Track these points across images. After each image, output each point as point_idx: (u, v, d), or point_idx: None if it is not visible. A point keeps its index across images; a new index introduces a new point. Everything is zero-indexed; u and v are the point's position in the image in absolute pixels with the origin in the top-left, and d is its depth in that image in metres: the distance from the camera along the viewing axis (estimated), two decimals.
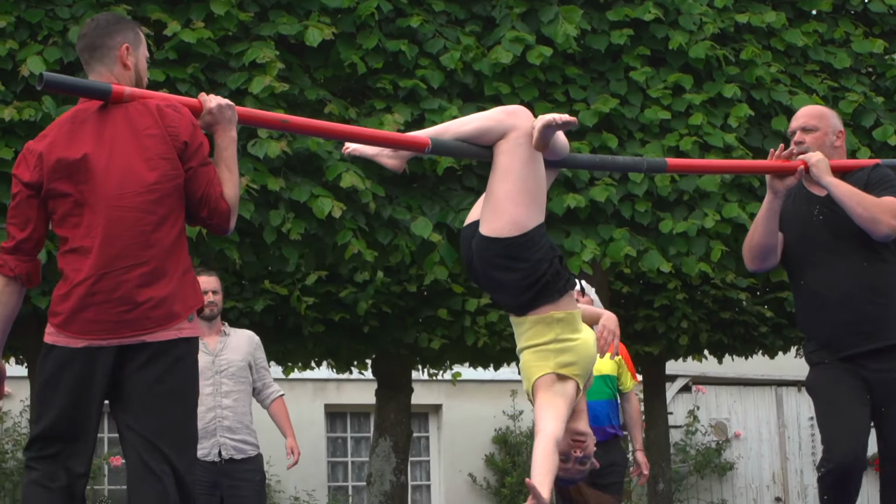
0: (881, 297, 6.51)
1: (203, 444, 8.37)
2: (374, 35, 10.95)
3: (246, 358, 8.88)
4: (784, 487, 25.02)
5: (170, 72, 10.38)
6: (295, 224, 10.55)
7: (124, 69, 5.48)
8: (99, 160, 5.21)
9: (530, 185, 5.52)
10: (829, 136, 6.83)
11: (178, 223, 5.35)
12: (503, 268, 5.47)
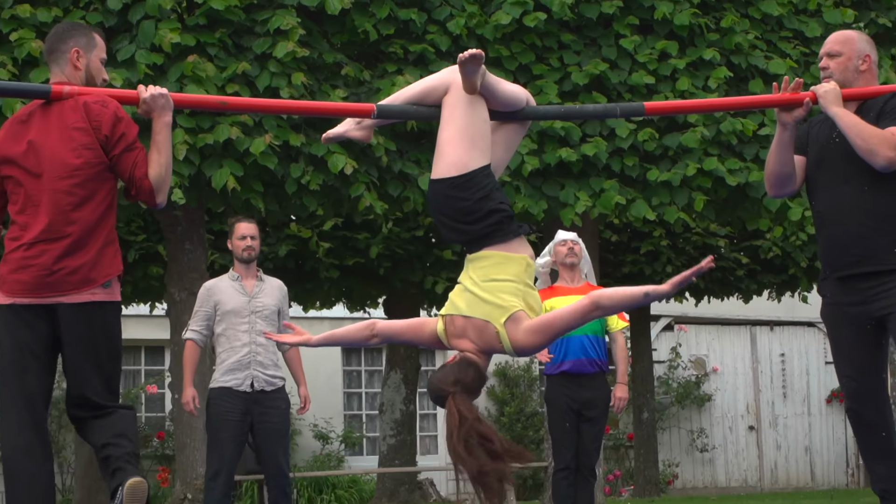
0: (875, 221, 6.05)
1: (237, 376, 8.56)
2: (387, 4, 10.88)
3: (277, 304, 8.89)
4: (757, 417, 25.02)
5: (200, 36, 10.33)
6: (314, 176, 10.52)
7: (74, 70, 5.87)
8: (35, 150, 5.68)
9: (469, 129, 5.36)
10: (854, 61, 6.31)
11: (104, 204, 5.77)
12: (448, 206, 5.35)
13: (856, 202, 6.05)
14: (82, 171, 5.70)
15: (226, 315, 8.64)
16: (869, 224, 6.02)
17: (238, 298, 8.72)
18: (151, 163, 5.79)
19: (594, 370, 9.01)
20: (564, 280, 9.22)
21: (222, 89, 10.27)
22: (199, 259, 11.32)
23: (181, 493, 11.26)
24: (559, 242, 9.24)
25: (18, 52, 9.87)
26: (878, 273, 5.98)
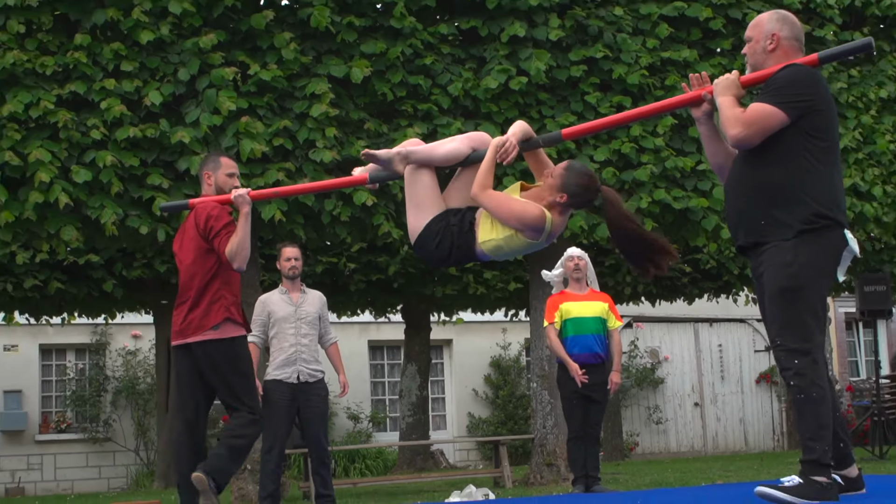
0: (750, 196, 5.20)
1: (286, 370, 8.67)
2: (400, 72, 10.89)
3: (318, 312, 8.99)
4: (700, 395, 24.99)
5: (252, 101, 10.33)
6: (343, 209, 10.53)
7: (207, 186, 7.06)
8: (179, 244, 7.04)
9: (413, 199, 5.24)
10: (762, 43, 5.33)
11: (208, 275, 6.81)
12: (422, 256, 5.32)
13: (738, 179, 5.32)
14: (195, 255, 6.83)
15: (277, 321, 8.74)
16: (746, 199, 5.24)
17: (286, 308, 8.85)
18: (230, 241, 6.66)
19: (597, 362, 9.20)
20: (573, 288, 9.44)
21: (269, 142, 10.29)
22: (253, 278, 11.30)
23: (243, 465, 11.23)
24: (568, 258, 9.45)
25: (107, 115, 9.88)
26: (756, 244, 5.22)
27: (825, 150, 5.11)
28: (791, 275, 5.06)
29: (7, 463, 20.87)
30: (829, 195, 5.10)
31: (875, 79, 12.93)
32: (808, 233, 5.06)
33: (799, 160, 5.09)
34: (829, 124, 5.15)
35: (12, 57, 9.68)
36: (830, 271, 5.16)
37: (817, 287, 5.12)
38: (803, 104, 5.04)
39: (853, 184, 12.32)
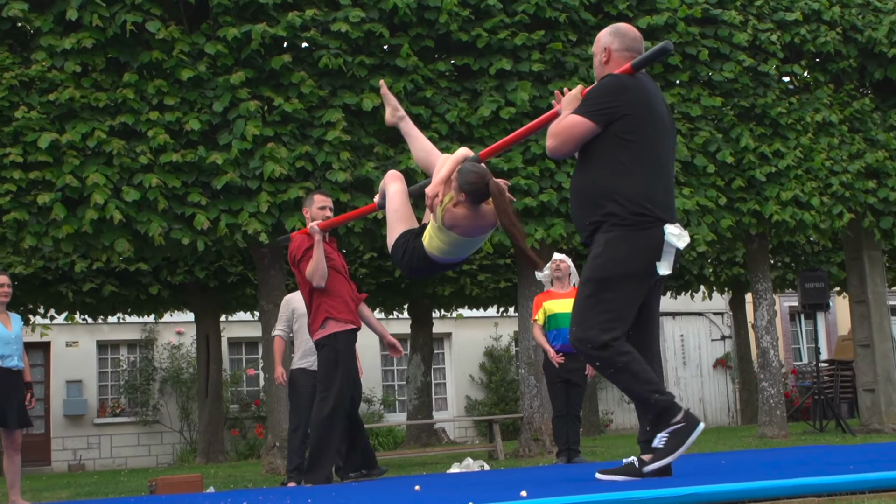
0: (578, 198, 4.81)
1: (308, 359, 8.51)
2: (404, 103, 10.88)
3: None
4: (665, 378, 24.89)
5: (277, 129, 10.33)
6: (356, 222, 10.51)
7: (309, 219, 7.64)
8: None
9: (389, 218, 5.30)
10: (598, 57, 4.93)
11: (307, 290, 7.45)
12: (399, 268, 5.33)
13: (572, 185, 4.87)
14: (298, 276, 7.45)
15: (299, 317, 8.61)
16: (575, 202, 4.87)
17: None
18: (308, 264, 7.23)
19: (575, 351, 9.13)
20: (556, 286, 9.43)
21: (293, 165, 10.28)
22: (280, 281, 11.29)
23: (272, 442, 11.22)
24: (552, 261, 9.45)
25: (153, 143, 9.89)
26: (587, 244, 4.80)
27: (636, 152, 4.67)
28: (597, 266, 4.68)
29: (70, 443, 20.86)
30: (641, 192, 4.65)
31: (812, 105, 12.93)
32: (619, 228, 4.64)
33: (609, 163, 4.68)
34: (639, 127, 4.69)
35: (69, 93, 9.70)
36: (641, 267, 4.69)
37: (622, 282, 4.66)
38: (609, 111, 4.66)
39: (794, 195, 12.31)
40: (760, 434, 13.02)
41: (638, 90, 4.72)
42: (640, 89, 4.74)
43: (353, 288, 7.75)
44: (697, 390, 25.20)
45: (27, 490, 10.44)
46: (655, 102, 4.79)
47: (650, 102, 4.75)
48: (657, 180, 4.73)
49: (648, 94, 4.77)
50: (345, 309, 7.49)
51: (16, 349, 8.08)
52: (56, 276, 15.43)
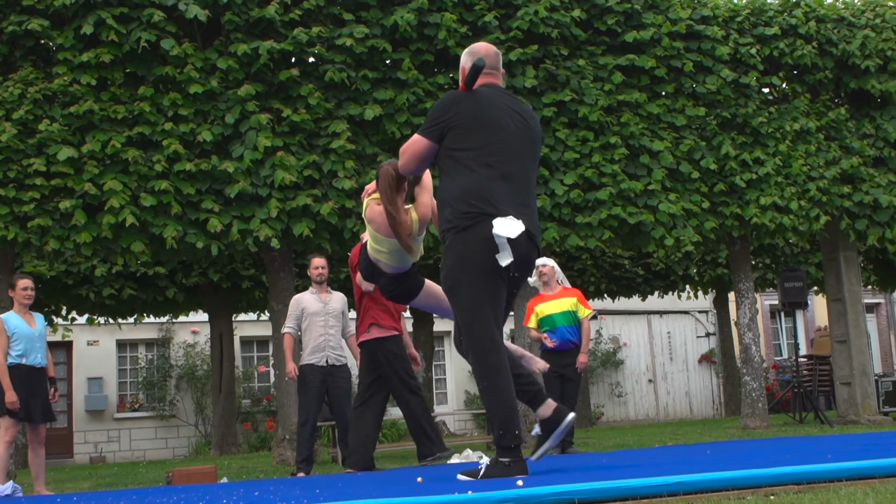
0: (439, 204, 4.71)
1: (317, 355, 8.55)
2: (405, 114, 10.87)
3: (341, 308, 8.88)
4: (653, 373, 24.97)
5: (286, 139, 10.32)
6: (361, 227, 10.49)
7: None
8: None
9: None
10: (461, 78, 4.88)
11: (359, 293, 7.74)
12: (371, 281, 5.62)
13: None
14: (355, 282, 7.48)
15: (308, 316, 8.63)
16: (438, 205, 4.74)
17: (316, 305, 8.71)
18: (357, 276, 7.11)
19: (570, 347, 9.11)
20: (545, 290, 9.34)
21: (300, 173, 10.27)
22: (288, 283, 11.28)
23: (282, 435, 11.20)
24: (535, 268, 9.32)
25: (168, 152, 9.88)
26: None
27: (465, 159, 4.59)
28: (444, 278, 4.64)
29: (91, 436, 20.84)
30: (475, 191, 4.54)
31: (791, 114, 12.92)
32: (455, 232, 4.56)
33: (448, 173, 4.65)
34: (473, 134, 4.61)
35: (88, 106, 9.71)
36: (482, 263, 4.53)
37: (470, 283, 4.55)
38: (440, 125, 4.63)
39: (774, 200, 12.30)
40: (743, 425, 12.99)
41: (470, 102, 4.67)
42: (474, 101, 4.67)
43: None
44: (684, 384, 25.18)
45: (51, 481, 10.42)
46: (493, 111, 4.68)
47: (483, 112, 4.65)
48: (486, 180, 4.58)
49: (483, 105, 4.68)
50: (388, 317, 7.83)
51: (39, 347, 8.07)
52: (77, 280, 15.42)
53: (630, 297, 20.29)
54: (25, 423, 8.14)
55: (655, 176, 11.70)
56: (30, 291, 8.17)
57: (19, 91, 9.68)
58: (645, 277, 19.32)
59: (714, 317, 24.13)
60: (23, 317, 8.05)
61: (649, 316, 24.95)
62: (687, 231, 11.82)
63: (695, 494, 3.80)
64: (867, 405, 13.52)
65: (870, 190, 13.08)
